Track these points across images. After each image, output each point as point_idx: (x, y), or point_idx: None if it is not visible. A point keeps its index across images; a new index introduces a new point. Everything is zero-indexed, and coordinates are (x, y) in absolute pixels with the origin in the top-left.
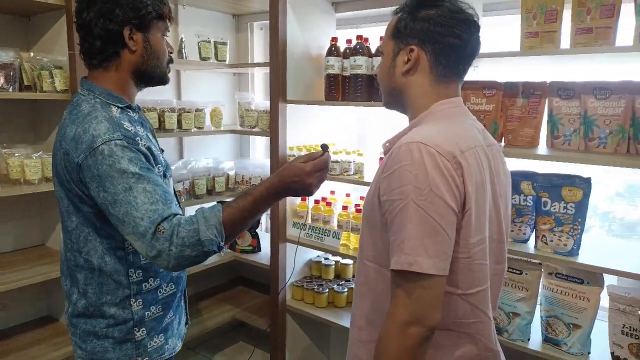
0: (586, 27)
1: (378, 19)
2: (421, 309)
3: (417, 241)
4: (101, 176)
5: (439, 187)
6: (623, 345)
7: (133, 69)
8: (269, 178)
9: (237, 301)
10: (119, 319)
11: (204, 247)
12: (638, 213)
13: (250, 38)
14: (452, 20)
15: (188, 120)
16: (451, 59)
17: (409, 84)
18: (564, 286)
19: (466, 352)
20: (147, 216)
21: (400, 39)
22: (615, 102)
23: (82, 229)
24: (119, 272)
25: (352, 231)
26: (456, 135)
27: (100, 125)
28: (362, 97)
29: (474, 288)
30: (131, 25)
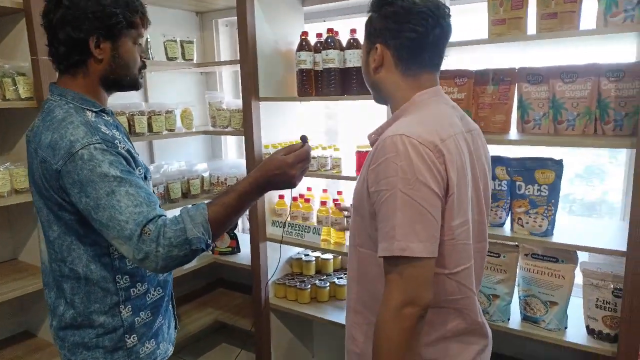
0: (551, 12)
1: (346, 11)
2: (414, 290)
3: (408, 228)
4: (82, 181)
5: (424, 174)
6: (597, 318)
7: (101, 77)
8: (251, 173)
9: (218, 303)
10: (109, 328)
11: (192, 246)
12: (596, 193)
13: (215, 36)
14: (407, 15)
15: (159, 123)
16: (413, 53)
17: (381, 80)
18: (540, 266)
19: (455, 326)
20: (132, 219)
21: (369, 39)
22: (582, 85)
23: (64, 237)
24: (105, 279)
25: (332, 226)
26: (436, 124)
27: (77, 130)
28: (335, 91)
29: (460, 267)
30: (97, 35)
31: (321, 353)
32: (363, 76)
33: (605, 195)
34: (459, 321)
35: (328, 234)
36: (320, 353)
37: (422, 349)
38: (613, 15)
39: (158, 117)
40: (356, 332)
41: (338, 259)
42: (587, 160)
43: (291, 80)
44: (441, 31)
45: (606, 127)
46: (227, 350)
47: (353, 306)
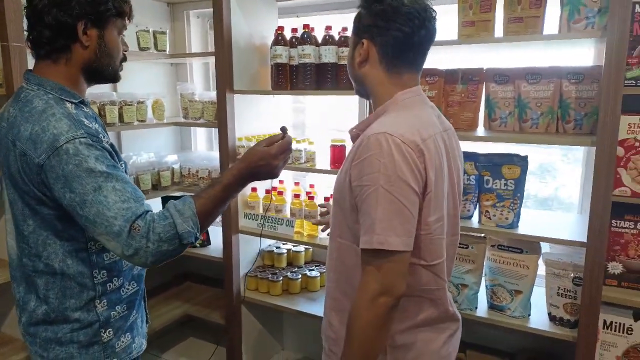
0: (517, 16)
1: (319, 7)
2: (390, 281)
3: (387, 222)
4: (67, 176)
5: (405, 173)
6: (559, 306)
7: (84, 65)
8: (234, 165)
9: (186, 297)
10: (84, 323)
11: (183, 240)
12: (548, 190)
13: (186, 27)
14: (395, 15)
15: (130, 114)
16: (397, 51)
17: (365, 74)
18: (506, 256)
19: (429, 315)
20: (121, 215)
21: (357, 34)
22: (545, 86)
23: (39, 232)
24: (82, 274)
25: (305, 218)
26: (418, 124)
27: (60, 123)
28: (310, 85)
29: (436, 260)
30: (86, 20)
31: (290, 344)
32: (348, 69)
33: (557, 191)
34: (433, 310)
35: (301, 226)
36: (290, 344)
37: (396, 335)
38: (576, 21)
39: (129, 107)
40: (333, 318)
41: (309, 251)
42: (541, 159)
43: (264, 73)
44: (426, 33)
45: (567, 126)
46: (195, 344)
47: (331, 293)
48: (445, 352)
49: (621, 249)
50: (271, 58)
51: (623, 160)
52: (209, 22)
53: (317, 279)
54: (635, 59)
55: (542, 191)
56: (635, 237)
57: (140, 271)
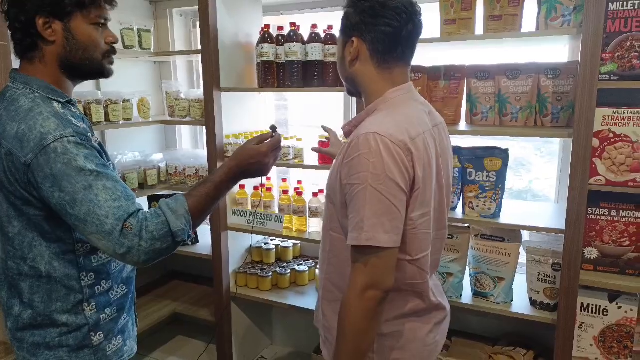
0: (497, 14)
1: (303, 6)
2: (378, 276)
3: (375, 220)
4: (56, 175)
5: (393, 172)
6: (539, 291)
7: (59, 62)
8: (225, 163)
9: (173, 296)
10: (73, 326)
11: (176, 238)
12: (522, 183)
13: (170, 25)
14: (383, 10)
15: (115, 112)
16: (387, 46)
17: (356, 73)
18: (489, 245)
19: (415, 306)
20: (112, 213)
21: (345, 33)
22: (524, 82)
23: (25, 234)
24: (69, 276)
25: (294, 214)
26: (407, 123)
27: (47, 122)
28: (297, 83)
29: (421, 254)
30: (44, 14)
31: (280, 339)
32: (338, 70)
33: (531, 184)
34: (419, 302)
35: (290, 222)
36: (279, 339)
37: (384, 324)
38: (553, 19)
39: (115, 106)
40: (326, 308)
41: (298, 246)
42: (516, 153)
43: (250, 71)
44: (414, 27)
45: (545, 119)
46: (184, 342)
47: (324, 284)
48: (432, 339)
49: (596, 235)
50: (257, 56)
51: (598, 151)
52: (192, 20)
53: (305, 274)
54: (609, 54)
55: (517, 184)
56: (610, 223)
57: (129, 273)
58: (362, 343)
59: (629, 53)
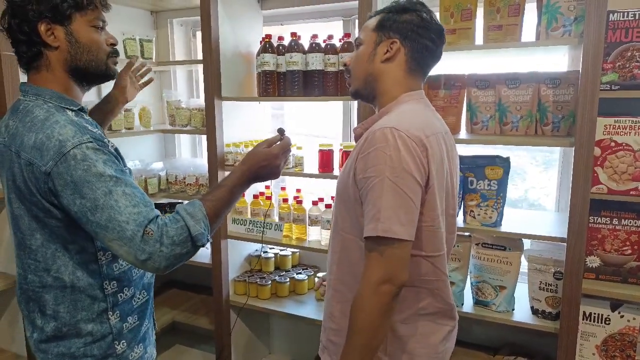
0: (496, 24)
1: (303, 16)
2: (392, 269)
3: (391, 211)
4: (76, 182)
5: (410, 165)
6: (541, 299)
7: (66, 67)
8: (237, 167)
9: (172, 304)
10: (97, 335)
11: (197, 242)
12: (518, 191)
13: (170, 35)
14: (431, 27)
15: (117, 121)
16: (423, 58)
17: (385, 71)
18: (490, 254)
19: (427, 305)
20: (133, 219)
21: (384, 32)
22: (524, 91)
23: (48, 245)
24: (93, 286)
25: (293, 222)
26: (421, 122)
27: (65, 129)
28: (298, 92)
29: (437, 252)
30: (47, 20)
31: (278, 348)
32: (357, 66)
33: (526, 193)
34: (431, 300)
35: (290, 230)
36: (277, 348)
37: (396, 325)
38: (554, 29)
39: None
40: (334, 309)
41: (297, 255)
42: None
43: (250, 81)
44: (442, 50)
45: (545, 128)
46: (183, 351)
47: (333, 285)
48: (443, 347)
49: (598, 243)
50: (258, 65)
51: (600, 160)
52: (192, 29)
53: (304, 282)
54: (609, 64)
55: (512, 193)
56: (612, 232)
57: (150, 279)
58: (373, 339)
59: (630, 63)
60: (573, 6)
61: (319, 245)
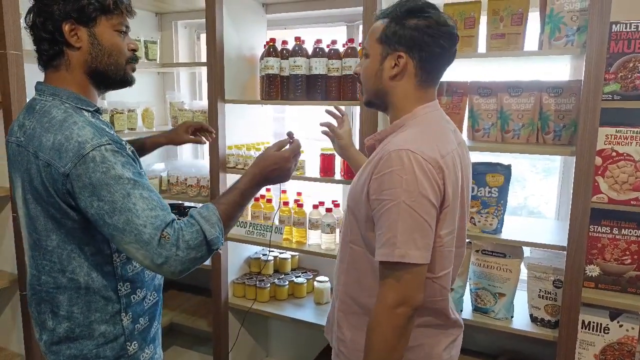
0: (499, 32)
1: (306, 21)
2: (408, 292)
3: (408, 236)
4: (94, 184)
5: (426, 189)
6: (540, 307)
7: (85, 69)
8: (248, 170)
9: (170, 305)
10: (110, 337)
11: (212, 246)
12: (517, 199)
13: (174, 37)
14: (439, 32)
15: (121, 122)
16: (434, 67)
17: (394, 87)
18: (490, 261)
19: (428, 321)
20: (150, 223)
21: (389, 45)
22: (526, 99)
23: (64, 246)
24: (107, 287)
25: (294, 225)
26: (437, 141)
27: (83, 131)
28: (301, 96)
29: (443, 271)
30: (72, 20)
31: (275, 351)
32: (368, 81)
33: (526, 201)
34: (432, 318)
35: (290, 233)
36: (275, 351)
37: None
38: (556, 39)
39: (120, 115)
40: (341, 320)
41: (296, 258)
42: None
43: (253, 84)
44: (455, 51)
45: (547, 137)
46: (180, 353)
47: (340, 296)
48: (447, 355)
49: (598, 252)
50: (262, 69)
51: (601, 169)
52: (196, 32)
53: (303, 286)
54: (612, 74)
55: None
56: (612, 241)
57: (160, 280)
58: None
59: (632, 74)
60: (576, 16)
61: (319, 249)
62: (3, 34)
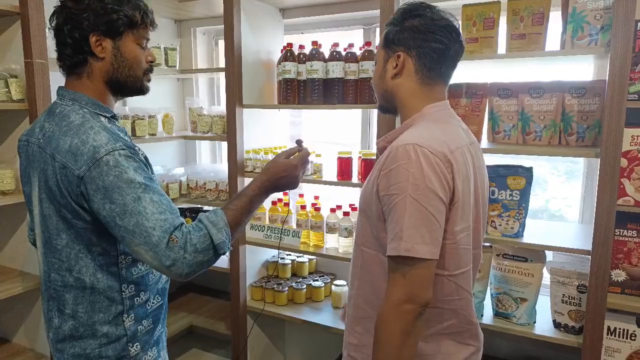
0: (520, 33)
1: (323, 25)
2: (416, 289)
3: (414, 230)
4: (107, 187)
5: (433, 182)
6: (564, 313)
7: (105, 78)
8: (257, 177)
9: (190, 308)
10: (112, 337)
11: (220, 250)
12: (538, 202)
13: (193, 43)
14: (434, 27)
15: (142, 127)
16: (434, 63)
17: (397, 86)
18: (511, 265)
19: (450, 325)
20: (159, 226)
21: (389, 48)
22: (548, 100)
23: (72, 246)
24: (112, 288)
25: (311, 229)
26: (445, 136)
27: (99, 136)
28: (318, 100)
29: (459, 269)
30: (99, 32)
31: (292, 354)
32: (375, 84)
33: (547, 204)
34: (455, 321)
35: (307, 237)
36: (292, 354)
37: (420, 342)
38: (579, 38)
39: (141, 121)
40: (356, 325)
41: (313, 261)
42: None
43: (270, 88)
44: (459, 47)
45: (570, 138)
46: (199, 355)
47: (354, 301)
48: None
49: (624, 257)
50: (279, 73)
51: (626, 171)
52: (214, 38)
53: (321, 289)
54: (637, 74)
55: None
56: (638, 245)
57: (164, 284)
58: (397, 357)
59: None
60: (600, 15)
61: (336, 252)
62: (29, 42)
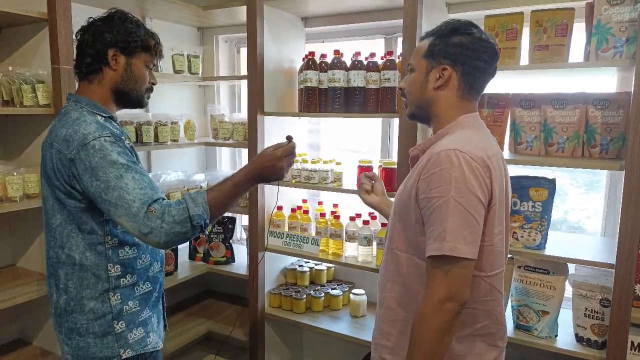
0: (543, 44)
1: (344, 34)
2: (456, 287)
3: (457, 231)
4: (93, 167)
5: (474, 186)
6: (586, 327)
7: (112, 86)
8: (245, 165)
9: (208, 314)
10: (98, 313)
11: (193, 221)
12: (557, 213)
13: (215, 51)
14: (482, 47)
15: (164, 134)
16: (476, 80)
17: (438, 97)
18: (533, 277)
19: (483, 326)
20: (139, 198)
21: (434, 59)
22: (571, 112)
23: (65, 225)
24: (98, 266)
25: (330, 237)
26: (482, 144)
27: (89, 126)
28: (339, 108)
29: (494, 270)
30: (117, 48)
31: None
32: (411, 92)
33: (566, 215)
34: (488, 322)
35: (326, 245)
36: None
37: (454, 341)
38: (604, 50)
39: (164, 127)
40: (390, 328)
41: (332, 269)
42: None
43: (291, 96)
44: (496, 67)
45: (593, 150)
46: None
47: (387, 303)
48: None
49: None
50: (300, 82)
51: None
52: (236, 45)
53: (339, 298)
54: None
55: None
56: None
57: (156, 273)
58: (435, 355)
59: None
60: (625, 27)
61: (355, 261)
62: (57, 49)
